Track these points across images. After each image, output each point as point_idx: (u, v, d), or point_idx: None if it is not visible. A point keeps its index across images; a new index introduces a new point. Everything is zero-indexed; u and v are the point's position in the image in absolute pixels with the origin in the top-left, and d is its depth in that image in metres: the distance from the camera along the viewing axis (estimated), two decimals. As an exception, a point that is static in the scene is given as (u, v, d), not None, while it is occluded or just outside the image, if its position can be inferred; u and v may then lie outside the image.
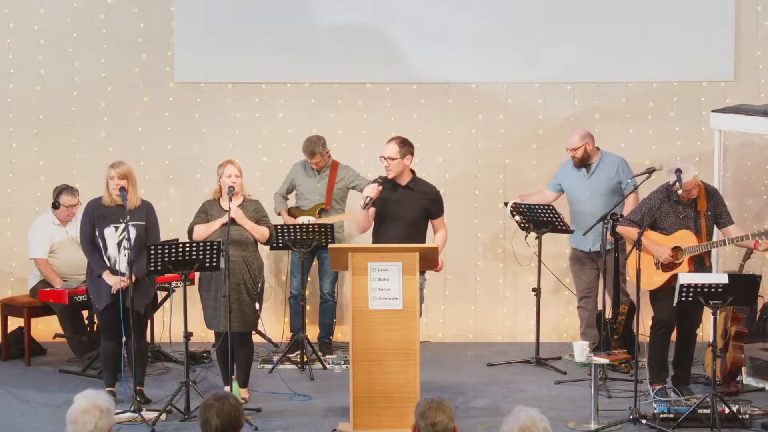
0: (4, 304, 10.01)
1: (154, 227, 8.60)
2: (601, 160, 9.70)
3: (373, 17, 10.58)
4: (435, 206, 8.47)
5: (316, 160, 10.01)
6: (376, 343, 7.78)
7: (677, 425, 7.89)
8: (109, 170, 8.51)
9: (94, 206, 8.57)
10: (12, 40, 10.63)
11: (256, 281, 8.55)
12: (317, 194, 10.08)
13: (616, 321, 9.46)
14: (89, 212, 8.58)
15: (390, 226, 8.36)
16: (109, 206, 8.49)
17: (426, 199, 8.44)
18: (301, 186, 10.15)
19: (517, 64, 10.60)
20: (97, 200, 8.60)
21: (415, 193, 8.41)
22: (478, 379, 9.38)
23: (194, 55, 10.64)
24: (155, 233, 8.59)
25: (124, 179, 8.46)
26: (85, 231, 8.56)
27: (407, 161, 8.41)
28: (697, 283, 7.84)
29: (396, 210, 8.36)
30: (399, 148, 8.36)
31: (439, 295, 10.68)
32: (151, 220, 8.58)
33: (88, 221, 8.54)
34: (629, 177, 9.54)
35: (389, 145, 8.40)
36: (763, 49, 10.58)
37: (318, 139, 10.01)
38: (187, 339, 8.21)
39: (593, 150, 9.72)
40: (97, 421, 4.79)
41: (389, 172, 8.38)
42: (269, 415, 8.30)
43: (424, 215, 8.43)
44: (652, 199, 8.60)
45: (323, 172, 10.10)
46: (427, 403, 4.82)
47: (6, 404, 8.67)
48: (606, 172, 9.67)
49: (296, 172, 10.18)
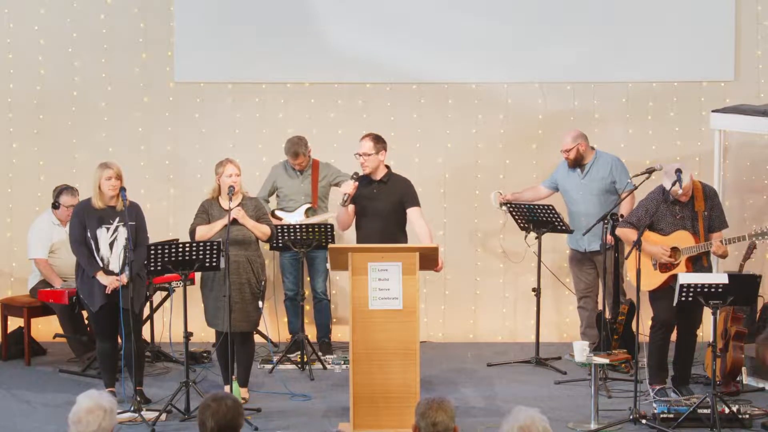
0: (4, 304, 10.01)
1: (144, 227, 8.62)
2: (595, 160, 9.71)
3: (374, 17, 10.57)
4: (407, 194, 8.63)
5: (299, 161, 10.02)
6: (376, 343, 7.78)
7: (677, 425, 7.89)
8: (105, 170, 8.45)
9: (84, 207, 8.54)
10: (12, 40, 10.62)
11: (260, 280, 8.55)
12: (302, 194, 10.08)
13: (616, 321, 9.46)
14: (79, 214, 8.53)
15: (369, 221, 8.56)
16: (99, 207, 8.46)
17: (399, 190, 8.62)
18: (284, 188, 10.13)
19: (517, 64, 10.60)
20: (86, 202, 8.57)
21: (389, 186, 8.62)
22: (478, 379, 9.38)
23: (194, 55, 10.64)
24: (144, 233, 8.61)
25: (119, 179, 8.46)
26: (75, 232, 8.51)
27: (381, 156, 8.63)
28: (697, 283, 7.84)
29: (373, 204, 8.58)
30: (373, 144, 8.59)
31: (439, 295, 10.68)
32: (141, 219, 8.59)
33: (79, 222, 8.49)
34: (624, 176, 9.55)
35: (364, 142, 8.62)
36: (763, 49, 10.58)
37: (300, 140, 10.03)
38: (187, 339, 8.21)
39: (586, 150, 9.72)
40: (101, 422, 4.79)
41: (365, 168, 8.60)
42: (269, 415, 8.30)
43: (399, 207, 8.60)
44: (649, 200, 8.60)
45: (305, 172, 10.10)
46: (428, 403, 4.81)
47: (6, 404, 8.67)
48: (599, 172, 9.67)
49: (278, 174, 10.16)
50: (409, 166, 10.30)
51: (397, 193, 8.60)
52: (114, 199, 8.47)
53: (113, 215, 8.45)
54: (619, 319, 9.45)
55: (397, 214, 8.60)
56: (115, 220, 8.44)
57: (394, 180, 8.65)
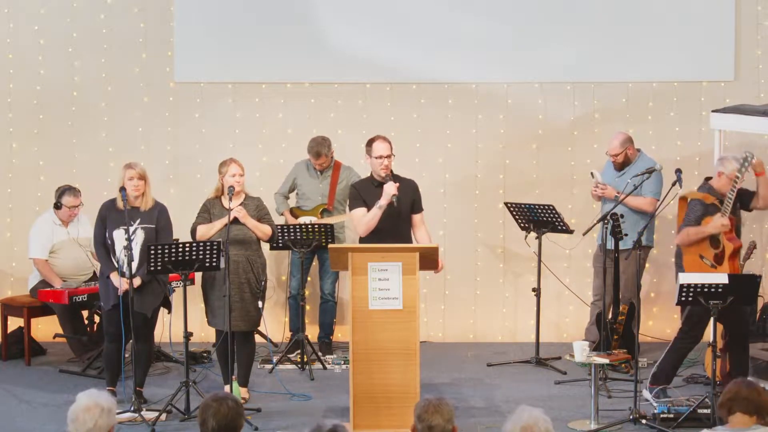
0: (4, 304, 10.01)
1: (165, 230, 8.57)
2: (636, 161, 9.66)
3: (374, 17, 10.57)
4: (418, 199, 8.56)
5: (321, 161, 10.02)
6: (376, 343, 7.78)
7: (677, 425, 7.89)
8: (128, 171, 8.47)
9: (108, 208, 8.57)
10: (12, 40, 10.62)
11: (260, 279, 8.56)
12: (319, 194, 10.08)
13: (616, 321, 9.45)
14: (102, 214, 8.58)
15: (385, 222, 8.35)
16: (121, 209, 8.46)
17: (411, 191, 8.52)
18: (302, 186, 10.15)
19: (517, 64, 10.60)
20: (110, 202, 8.60)
21: (402, 187, 8.44)
22: (478, 379, 9.38)
23: (194, 55, 10.64)
24: (166, 236, 8.55)
25: (142, 179, 8.46)
26: (96, 232, 8.61)
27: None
28: (697, 283, 7.84)
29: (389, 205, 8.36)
30: (390, 145, 8.46)
31: (439, 295, 10.68)
32: (163, 222, 8.56)
33: (101, 222, 8.56)
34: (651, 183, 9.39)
35: (384, 144, 8.44)
36: (763, 49, 10.58)
37: (324, 140, 10.02)
38: (187, 339, 8.21)
39: (633, 153, 9.69)
40: (97, 419, 4.81)
41: (388, 169, 8.41)
42: (269, 415, 8.31)
43: (410, 208, 8.50)
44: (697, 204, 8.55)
45: (326, 173, 10.10)
46: (425, 405, 4.80)
47: (6, 404, 8.68)
48: (634, 172, 9.59)
49: (298, 171, 10.18)
50: (409, 166, 10.29)
51: (409, 194, 8.49)
52: (138, 200, 8.47)
53: (135, 216, 8.46)
54: (619, 319, 9.45)
55: (408, 216, 8.50)
56: (136, 222, 8.46)
57: (402, 181, 8.50)
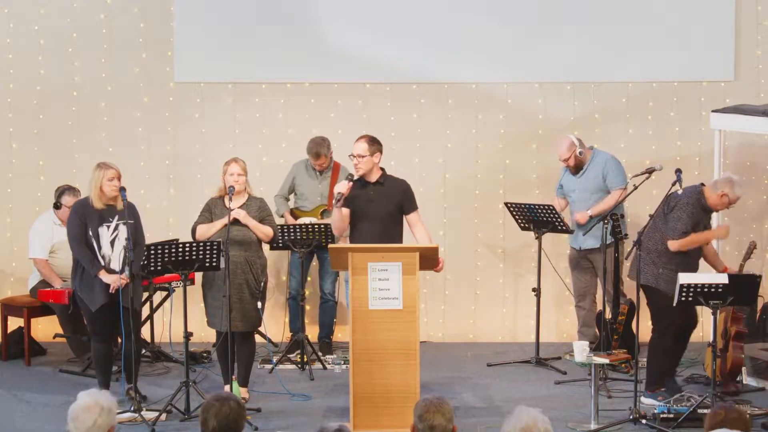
0: (4, 304, 10.01)
1: (140, 226, 8.64)
2: (591, 159, 9.72)
3: (374, 17, 10.57)
4: (408, 199, 8.41)
5: (320, 162, 10.01)
6: (376, 343, 7.78)
7: (677, 425, 7.89)
8: (107, 171, 8.44)
9: (84, 206, 8.52)
10: (12, 40, 10.62)
11: (259, 280, 8.55)
12: (318, 195, 10.08)
13: (616, 321, 9.46)
14: (79, 212, 8.50)
15: (365, 225, 8.31)
16: (98, 207, 8.45)
17: (398, 193, 8.39)
18: (301, 186, 10.14)
19: (517, 64, 10.60)
20: (85, 200, 8.56)
21: (386, 189, 8.37)
22: (478, 379, 9.38)
23: (194, 55, 10.64)
24: (141, 231, 8.64)
25: (119, 179, 8.47)
26: (74, 231, 8.47)
27: (376, 159, 8.36)
28: (697, 283, 7.84)
29: (369, 208, 8.32)
30: (368, 145, 8.34)
31: (439, 295, 10.68)
32: (137, 218, 8.61)
33: (78, 220, 8.47)
34: (615, 175, 9.54)
35: (359, 143, 8.37)
36: (763, 49, 10.58)
37: (323, 141, 10.01)
38: (187, 339, 8.21)
39: (586, 153, 9.71)
40: (96, 418, 4.80)
41: (358, 170, 8.34)
42: (269, 415, 8.31)
43: (397, 210, 8.39)
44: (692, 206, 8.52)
45: (325, 173, 10.10)
46: (426, 405, 4.80)
47: (6, 404, 8.68)
48: (594, 171, 9.67)
49: (297, 171, 10.17)
50: (409, 166, 10.31)
51: (395, 195, 8.37)
52: (114, 198, 8.47)
53: (112, 213, 8.46)
54: (619, 319, 9.46)
55: (394, 218, 8.37)
56: (114, 218, 8.45)
57: (390, 182, 8.41)
